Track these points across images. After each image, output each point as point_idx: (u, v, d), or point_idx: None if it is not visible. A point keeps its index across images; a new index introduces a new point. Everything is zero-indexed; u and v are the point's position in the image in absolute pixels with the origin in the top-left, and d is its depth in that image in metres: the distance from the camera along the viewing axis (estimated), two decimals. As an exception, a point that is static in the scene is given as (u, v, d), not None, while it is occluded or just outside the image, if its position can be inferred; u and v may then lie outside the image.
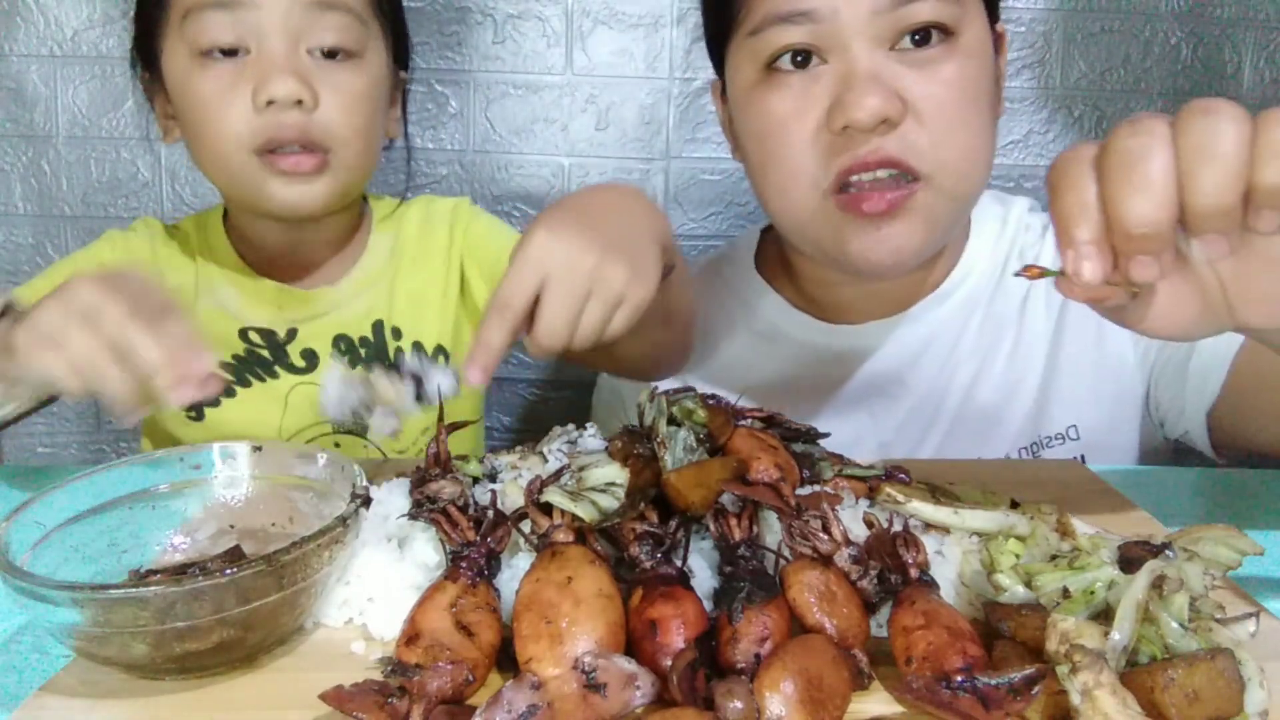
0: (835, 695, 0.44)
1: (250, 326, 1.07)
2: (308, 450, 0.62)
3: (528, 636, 0.46)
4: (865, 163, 0.80)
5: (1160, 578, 0.47)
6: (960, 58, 0.81)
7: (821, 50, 0.81)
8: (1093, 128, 1.65)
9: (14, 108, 1.57)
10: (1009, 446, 0.96)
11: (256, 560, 0.47)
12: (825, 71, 0.81)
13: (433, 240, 1.15)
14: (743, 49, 0.86)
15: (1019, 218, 1.00)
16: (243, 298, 1.08)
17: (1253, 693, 0.43)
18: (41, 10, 1.55)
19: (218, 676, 0.50)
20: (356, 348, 1.09)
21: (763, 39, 0.82)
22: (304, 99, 0.93)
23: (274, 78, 0.92)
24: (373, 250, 1.13)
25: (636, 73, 1.59)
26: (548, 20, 1.56)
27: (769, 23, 0.81)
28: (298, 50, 0.95)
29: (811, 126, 0.82)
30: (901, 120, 0.79)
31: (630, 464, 0.56)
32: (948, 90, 0.80)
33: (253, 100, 0.93)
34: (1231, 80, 1.65)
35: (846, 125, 0.79)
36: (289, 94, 0.92)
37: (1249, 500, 0.80)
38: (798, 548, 0.52)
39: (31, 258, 1.63)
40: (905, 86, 0.79)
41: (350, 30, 0.97)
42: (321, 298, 1.09)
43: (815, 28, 0.80)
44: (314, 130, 0.95)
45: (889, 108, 0.78)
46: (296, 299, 1.08)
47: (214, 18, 0.93)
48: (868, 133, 0.79)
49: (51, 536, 0.54)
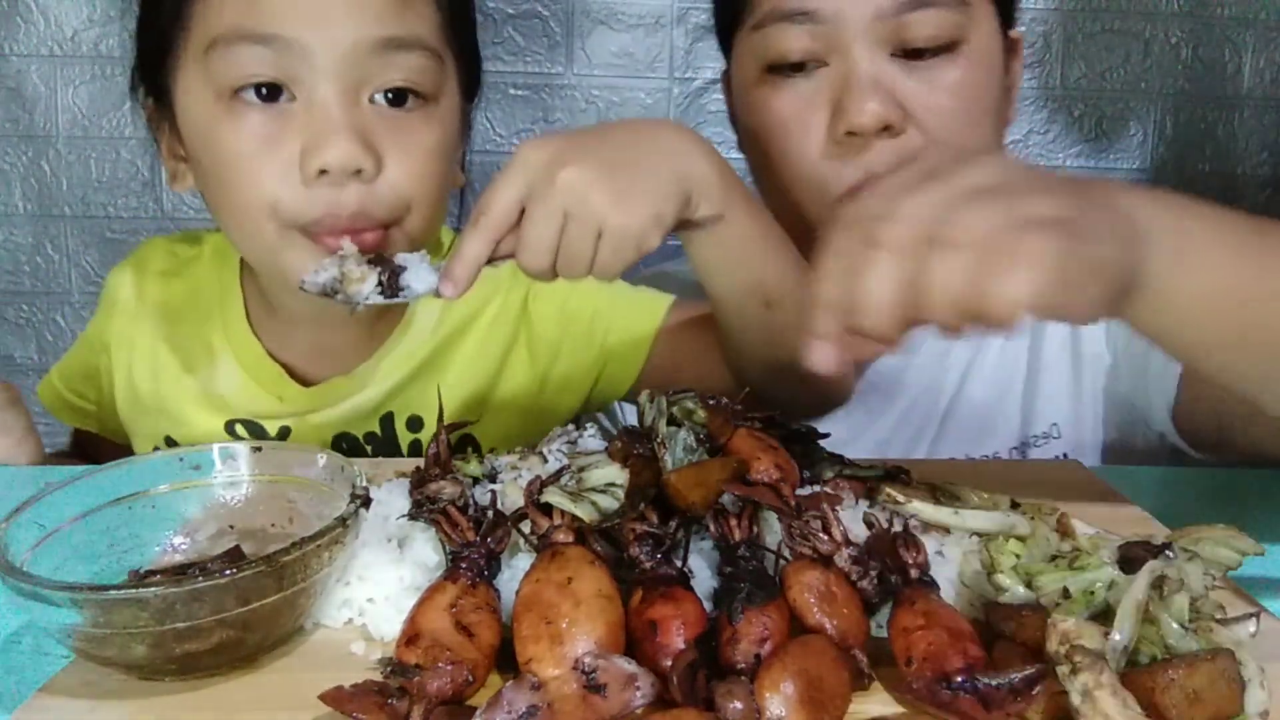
0: (835, 696, 0.44)
1: (238, 419, 0.89)
2: (308, 451, 0.62)
3: (527, 637, 0.46)
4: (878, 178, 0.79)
5: (1161, 578, 0.47)
6: (964, 65, 0.80)
7: (822, 53, 0.80)
8: (1092, 128, 1.66)
9: (14, 108, 1.57)
10: (1000, 444, 0.96)
11: (256, 561, 0.47)
12: (826, 74, 0.81)
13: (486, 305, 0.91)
14: (747, 43, 0.85)
15: None
16: (243, 380, 0.89)
17: (1253, 693, 0.43)
18: (41, 10, 1.55)
19: (217, 677, 0.49)
20: (361, 444, 0.90)
21: (765, 35, 0.82)
22: (365, 167, 0.72)
23: (328, 140, 0.71)
24: (409, 325, 0.89)
25: (636, 73, 1.59)
26: (548, 20, 1.56)
27: (772, 19, 0.81)
28: (358, 99, 0.74)
29: (814, 130, 0.81)
30: (903, 128, 0.78)
31: (630, 464, 0.56)
32: (950, 99, 0.79)
33: (300, 166, 0.72)
34: (1231, 80, 1.65)
35: (849, 131, 0.78)
36: (346, 162, 0.72)
37: (1249, 500, 0.80)
38: (798, 548, 0.52)
39: (31, 258, 1.63)
40: (906, 94, 0.79)
41: (425, 71, 0.76)
42: (326, 393, 0.88)
43: (817, 29, 0.79)
44: (373, 204, 0.74)
45: (889, 114, 0.77)
46: (296, 394, 0.89)
47: (249, 52, 0.72)
48: (870, 138, 0.78)
49: (51, 537, 0.54)
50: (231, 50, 0.72)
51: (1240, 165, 1.68)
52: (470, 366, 0.91)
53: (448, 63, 0.79)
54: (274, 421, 0.89)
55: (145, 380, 0.92)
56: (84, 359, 0.98)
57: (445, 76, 0.79)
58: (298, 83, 0.73)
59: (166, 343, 0.91)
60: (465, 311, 0.90)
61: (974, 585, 0.53)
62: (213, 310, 0.91)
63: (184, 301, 0.92)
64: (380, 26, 0.73)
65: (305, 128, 0.73)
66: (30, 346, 1.65)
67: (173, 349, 0.91)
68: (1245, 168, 1.68)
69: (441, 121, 0.79)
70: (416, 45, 0.75)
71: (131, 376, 0.92)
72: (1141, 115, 1.65)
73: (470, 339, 0.91)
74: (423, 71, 0.76)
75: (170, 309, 0.92)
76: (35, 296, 1.64)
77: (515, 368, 0.92)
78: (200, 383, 0.90)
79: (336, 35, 0.72)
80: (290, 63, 0.72)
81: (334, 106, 0.72)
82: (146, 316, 0.92)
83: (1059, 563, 0.52)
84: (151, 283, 0.93)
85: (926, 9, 0.77)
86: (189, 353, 0.90)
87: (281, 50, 0.71)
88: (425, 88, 0.77)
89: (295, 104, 0.73)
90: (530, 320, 0.92)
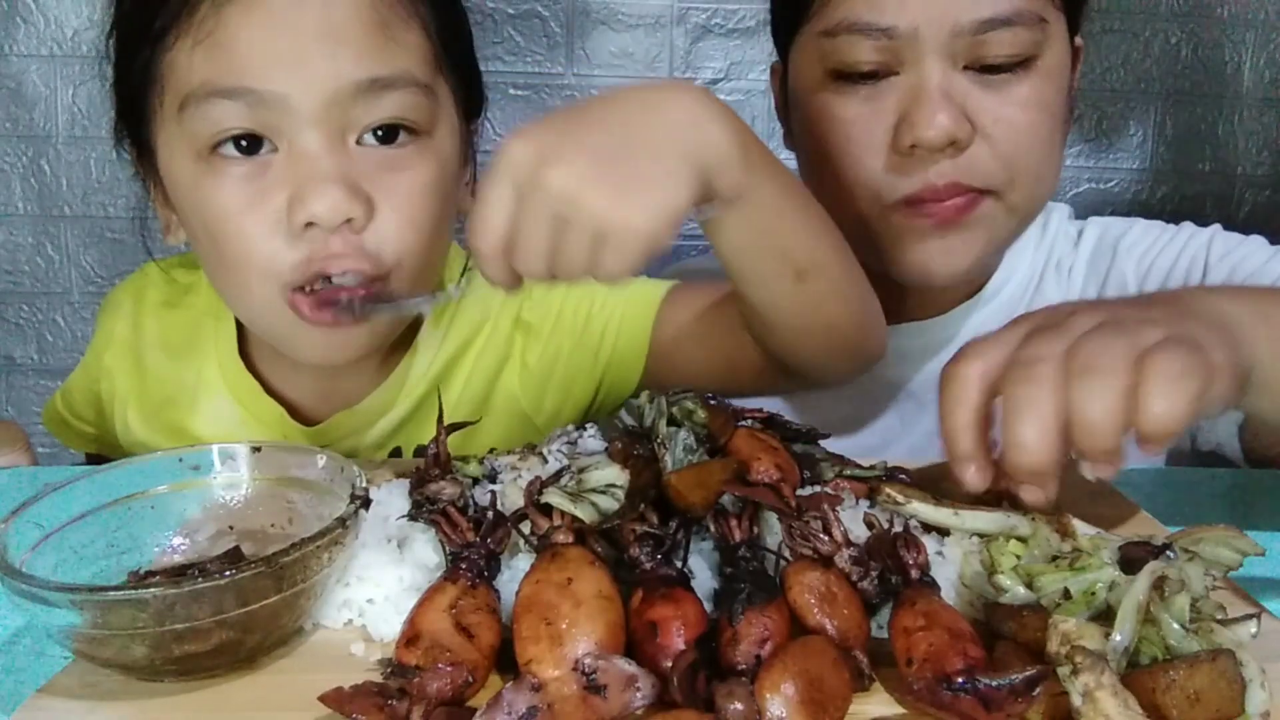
0: (836, 696, 0.44)
1: None
2: (308, 451, 0.62)
3: (527, 638, 0.46)
4: (935, 191, 0.78)
5: (1161, 579, 0.47)
6: (1037, 79, 0.78)
7: (893, 64, 0.78)
8: (1092, 128, 1.66)
9: (14, 108, 1.57)
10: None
11: (256, 562, 0.47)
12: (894, 84, 0.79)
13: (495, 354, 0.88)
14: (811, 46, 0.82)
15: (1058, 225, 0.98)
16: (240, 418, 0.85)
17: (1254, 694, 0.43)
18: (41, 10, 1.55)
19: (217, 678, 0.49)
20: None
21: (835, 44, 0.79)
22: (355, 215, 0.68)
23: (314, 190, 0.67)
24: (416, 352, 0.86)
25: (636, 73, 1.59)
26: (548, 20, 1.56)
27: (844, 29, 0.78)
28: (344, 142, 0.70)
29: (876, 138, 0.80)
30: (970, 143, 0.77)
31: (630, 465, 0.56)
32: (1022, 112, 0.78)
33: (287, 217, 0.68)
34: (1231, 80, 1.65)
35: (914, 144, 0.77)
36: (334, 213, 0.68)
37: (1249, 500, 0.80)
38: (798, 549, 0.52)
39: (31, 258, 1.63)
40: (976, 107, 0.77)
41: (416, 108, 0.72)
42: (330, 431, 0.85)
43: (891, 43, 0.77)
44: (366, 253, 0.70)
45: (958, 129, 0.76)
46: (298, 434, 0.85)
47: (223, 109, 0.68)
48: (935, 152, 0.77)
49: (51, 537, 0.54)
50: (204, 107, 0.68)
51: (1240, 165, 1.68)
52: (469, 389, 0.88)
53: (441, 93, 0.75)
54: None
55: (142, 414, 0.90)
56: (85, 386, 0.95)
57: (439, 107, 0.74)
58: (278, 133, 0.69)
59: (163, 378, 0.89)
60: (462, 337, 0.87)
61: (974, 586, 0.53)
62: (209, 349, 0.87)
63: (181, 337, 0.89)
64: (361, 68, 0.68)
65: (290, 179, 0.68)
66: (30, 346, 1.65)
67: (169, 384, 0.88)
68: (1245, 168, 1.68)
69: (437, 155, 0.74)
70: (404, 83, 0.70)
71: (128, 409, 0.90)
72: (1141, 115, 1.65)
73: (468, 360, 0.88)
74: (414, 108, 0.71)
75: (167, 345, 0.89)
76: (35, 296, 1.64)
77: (510, 379, 0.89)
78: (195, 420, 0.86)
79: (314, 82, 0.67)
80: (267, 114, 0.68)
81: (319, 154, 0.68)
82: (145, 351, 0.90)
83: (1059, 563, 0.52)
84: (149, 316, 0.90)
85: (1006, 28, 0.76)
86: (186, 389, 0.87)
87: (256, 104, 0.67)
88: (418, 123, 0.72)
89: (278, 154, 0.69)
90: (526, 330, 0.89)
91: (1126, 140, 1.66)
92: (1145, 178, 1.66)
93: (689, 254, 1.64)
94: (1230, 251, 0.88)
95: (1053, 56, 0.80)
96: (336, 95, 0.68)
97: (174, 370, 0.88)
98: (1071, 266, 0.96)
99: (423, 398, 0.85)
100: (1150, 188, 1.67)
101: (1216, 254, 0.88)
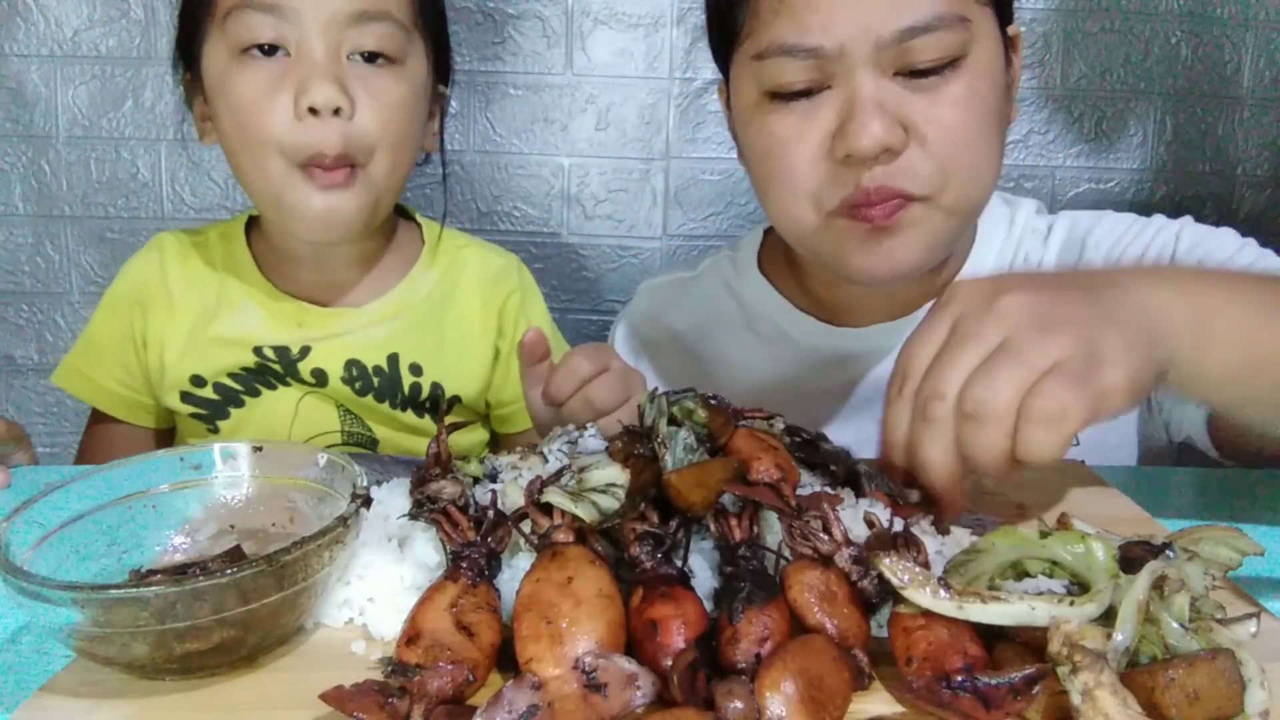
0: (836, 695, 0.44)
1: (265, 345, 1.06)
2: (308, 451, 0.62)
3: (528, 637, 0.46)
4: (867, 195, 0.79)
5: (1161, 578, 0.47)
6: (968, 77, 0.79)
7: (824, 80, 0.80)
8: (1092, 128, 1.66)
9: (14, 108, 1.57)
10: None
11: (257, 560, 0.47)
12: (828, 97, 0.80)
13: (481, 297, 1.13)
14: (746, 69, 0.84)
15: (1025, 220, 0.99)
16: (263, 315, 1.06)
17: (1253, 693, 0.43)
18: (41, 10, 1.55)
19: (218, 677, 0.49)
20: (369, 375, 1.07)
21: (765, 66, 0.81)
22: (343, 107, 0.92)
23: (315, 84, 0.91)
24: (412, 281, 1.11)
25: (636, 73, 1.59)
26: (548, 20, 1.57)
27: (773, 51, 0.80)
28: (339, 55, 0.94)
29: (813, 149, 0.81)
30: (904, 148, 0.78)
31: (631, 464, 0.56)
32: (954, 111, 0.79)
33: (294, 106, 0.92)
34: (1231, 80, 1.65)
35: (849, 154, 0.78)
36: (329, 101, 0.91)
37: (1249, 500, 0.80)
38: (798, 548, 0.52)
39: (31, 257, 1.63)
40: (909, 112, 0.78)
41: (393, 38, 0.96)
42: (341, 318, 1.07)
43: (819, 61, 0.79)
44: (351, 142, 0.94)
45: (891, 137, 0.77)
46: (316, 316, 1.07)
47: (255, 18, 0.92)
48: (870, 161, 0.78)
49: (51, 536, 0.54)
50: (240, 16, 0.93)
51: (1240, 165, 1.68)
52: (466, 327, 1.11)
53: (413, 36, 0.99)
54: (296, 344, 1.05)
55: (177, 339, 1.06)
56: (110, 329, 1.10)
57: (412, 45, 0.99)
58: (291, 42, 0.93)
59: (188, 302, 1.07)
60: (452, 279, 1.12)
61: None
62: (227, 272, 1.08)
63: (200, 271, 1.09)
64: (356, 2, 0.94)
65: (298, 76, 0.92)
66: (30, 346, 1.65)
67: (196, 307, 1.07)
68: (1245, 168, 1.68)
69: (408, 81, 0.98)
70: (386, 17, 0.95)
71: (164, 339, 1.07)
72: (1141, 115, 1.65)
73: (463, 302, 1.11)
74: (391, 38, 0.96)
75: (189, 278, 1.09)
76: (35, 296, 1.64)
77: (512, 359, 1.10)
78: (224, 326, 1.06)
79: (322, 6, 0.93)
80: (286, 26, 0.92)
81: (320, 59, 0.93)
82: (171, 287, 1.08)
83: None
84: (170, 261, 1.10)
85: (928, 34, 0.77)
86: (211, 307, 1.07)
87: (280, 16, 0.92)
88: (393, 52, 0.96)
89: (290, 58, 0.93)
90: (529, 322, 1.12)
91: (1126, 140, 1.66)
92: (1145, 178, 1.66)
93: (687, 254, 1.64)
94: (1197, 244, 0.88)
95: (982, 52, 0.80)
96: (335, 17, 0.93)
97: (199, 295, 1.07)
98: (1041, 261, 0.97)
99: (417, 318, 1.09)
100: (1150, 188, 1.67)
101: (1184, 246, 0.88)
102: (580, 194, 1.62)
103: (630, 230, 1.64)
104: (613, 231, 1.64)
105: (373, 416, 1.09)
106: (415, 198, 1.55)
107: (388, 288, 1.09)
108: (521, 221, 1.63)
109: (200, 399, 1.06)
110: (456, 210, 1.62)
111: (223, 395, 1.07)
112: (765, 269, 1.05)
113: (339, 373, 1.06)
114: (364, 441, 1.10)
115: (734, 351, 1.05)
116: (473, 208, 1.62)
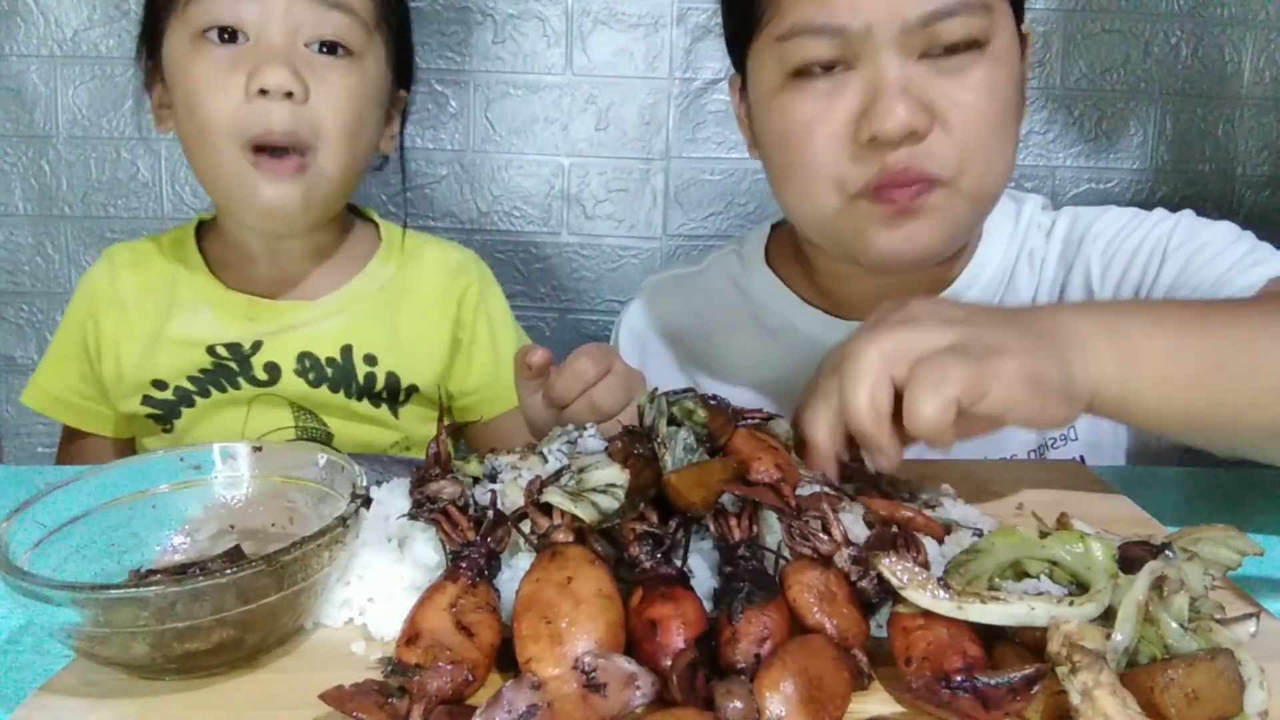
0: (835, 695, 0.44)
1: (218, 343, 1.06)
2: (308, 450, 0.62)
3: (527, 636, 0.46)
4: (893, 177, 0.80)
5: (1160, 578, 0.47)
6: (989, 64, 0.81)
7: (849, 59, 0.80)
8: (1092, 128, 1.65)
9: (14, 108, 1.57)
10: (1018, 447, 0.96)
11: (256, 560, 0.47)
12: (852, 78, 0.81)
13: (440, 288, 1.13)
14: (767, 52, 0.85)
15: (1030, 216, 0.99)
16: (214, 313, 1.06)
17: (1253, 693, 0.43)
18: (41, 10, 1.55)
19: (218, 677, 0.50)
20: (323, 366, 1.07)
21: (790, 46, 0.82)
22: (294, 91, 0.92)
23: (268, 67, 0.92)
24: (368, 276, 1.11)
25: (636, 73, 1.59)
26: (548, 20, 1.56)
27: (797, 32, 0.81)
28: (295, 42, 0.94)
29: (837, 131, 0.81)
30: (929, 132, 0.79)
31: (630, 464, 0.56)
32: (976, 97, 0.80)
33: (245, 87, 0.92)
34: (1231, 80, 1.65)
35: (874, 137, 0.79)
36: (280, 84, 0.92)
37: (1249, 500, 0.80)
38: (798, 548, 0.52)
39: (31, 258, 1.63)
40: (934, 95, 0.79)
41: (352, 31, 0.96)
42: (294, 311, 1.07)
43: (845, 41, 0.79)
44: (300, 125, 0.94)
45: (916, 120, 0.78)
46: (267, 310, 1.07)
47: (217, 1, 0.93)
48: (894, 143, 0.79)
49: (51, 536, 0.54)
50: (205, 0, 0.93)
51: (1240, 165, 1.68)
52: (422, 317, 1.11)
53: (373, 33, 0.99)
54: (248, 340, 1.06)
55: (130, 341, 1.07)
56: (68, 345, 1.12)
57: (372, 43, 0.99)
58: (250, 26, 0.93)
59: (142, 308, 1.08)
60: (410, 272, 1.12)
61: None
62: (178, 275, 1.09)
63: (152, 277, 1.10)
64: None
65: (252, 60, 0.93)
66: (30, 346, 1.65)
67: (150, 312, 1.07)
68: (1245, 168, 1.68)
69: (362, 75, 0.98)
70: (345, 9, 0.96)
71: (119, 343, 1.07)
72: (1141, 115, 1.65)
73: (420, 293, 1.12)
74: (351, 31, 0.96)
75: (141, 284, 1.09)
76: (35, 296, 1.64)
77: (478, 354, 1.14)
78: (179, 328, 1.06)
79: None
80: (245, 11, 0.93)
81: (276, 44, 0.93)
82: (123, 294, 1.09)
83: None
84: (121, 270, 1.10)
85: (953, 17, 0.78)
86: (164, 310, 1.07)
87: (237, 3, 0.93)
88: (352, 44, 0.97)
89: (247, 44, 0.94)
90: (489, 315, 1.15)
91: (1126, 140, 1.66)
92: (1145, 178, 1.66)
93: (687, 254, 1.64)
94: (1188, 239, 0.88)
95: (1002, 42, 0.82)
96: (294, 3, 0.94)
97: (152, 300, 1.08)
98: (1044, 258, 0.97)
99: (372, 310, 1.09)
100: (1150, 188, 1.67)
101: (1175, 242, 0.89)
102: (580, 194, 1.63)
103: (630, 230, 1.64)
104: (613, 231, 1.64)
105: (327, 411, 1.09)
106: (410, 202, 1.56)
107: (342, 281, 1.10)
108: (521, 221, 1.63)
109: (158, 400, 1.07)
110: (457, 210, 1.62)
111: (179, 397, 1.07)
112: (772, 264, 1.05)
113: (292, 365, 1.06)
114: (319, 437, 1.09)
115: (739, 345, 1.05)
116: (473, 208, 1.62)
